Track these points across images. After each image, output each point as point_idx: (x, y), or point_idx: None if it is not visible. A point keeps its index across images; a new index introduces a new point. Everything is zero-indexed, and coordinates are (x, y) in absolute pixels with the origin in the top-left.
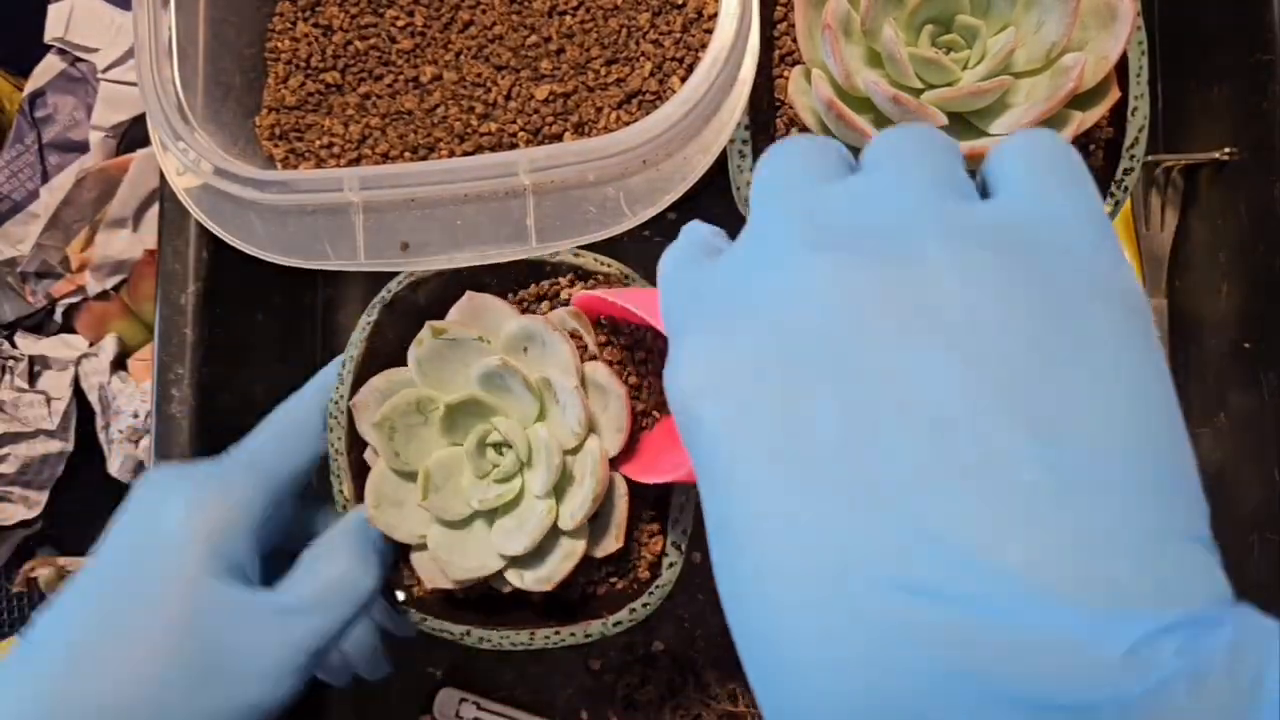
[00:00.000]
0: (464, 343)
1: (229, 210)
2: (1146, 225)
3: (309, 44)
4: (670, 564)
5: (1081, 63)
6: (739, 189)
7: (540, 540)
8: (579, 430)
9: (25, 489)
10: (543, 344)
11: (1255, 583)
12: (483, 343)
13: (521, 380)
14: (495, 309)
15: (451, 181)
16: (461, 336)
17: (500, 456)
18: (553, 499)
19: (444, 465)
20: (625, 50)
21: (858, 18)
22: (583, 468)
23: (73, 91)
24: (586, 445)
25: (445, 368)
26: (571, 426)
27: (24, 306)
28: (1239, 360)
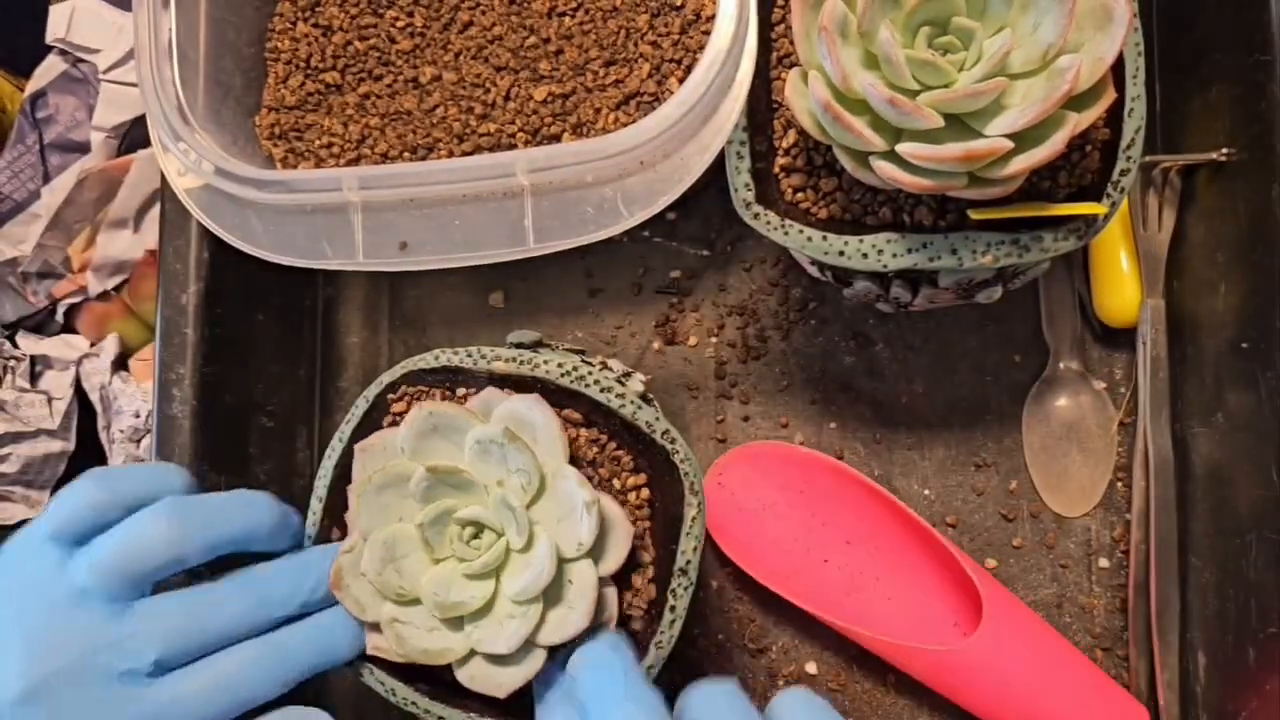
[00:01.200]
0: (461, 424)
1: (229, 210)
2: (1144, 226)
3: (309, 44)
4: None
5: (1078, 64)
6: (736, 190)
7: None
8: (585, 541)
9: (27, 489)
10: (534, 428)
11: (1253, 583)
12: (478, 421)
13: (524, 451)
14: (493, 398)
15: (450, 182)
16: (462, 420)
17: (477, 542)
18: (539, 604)
19: (406, 539)
20: (624, 52)
21: (854, 20)
22: (577, 587)
23: (74, 92)
24: (580, 565)
25: (438, 444)
26: (579, 535)
27: (25, 306)
28: (1237, 360)
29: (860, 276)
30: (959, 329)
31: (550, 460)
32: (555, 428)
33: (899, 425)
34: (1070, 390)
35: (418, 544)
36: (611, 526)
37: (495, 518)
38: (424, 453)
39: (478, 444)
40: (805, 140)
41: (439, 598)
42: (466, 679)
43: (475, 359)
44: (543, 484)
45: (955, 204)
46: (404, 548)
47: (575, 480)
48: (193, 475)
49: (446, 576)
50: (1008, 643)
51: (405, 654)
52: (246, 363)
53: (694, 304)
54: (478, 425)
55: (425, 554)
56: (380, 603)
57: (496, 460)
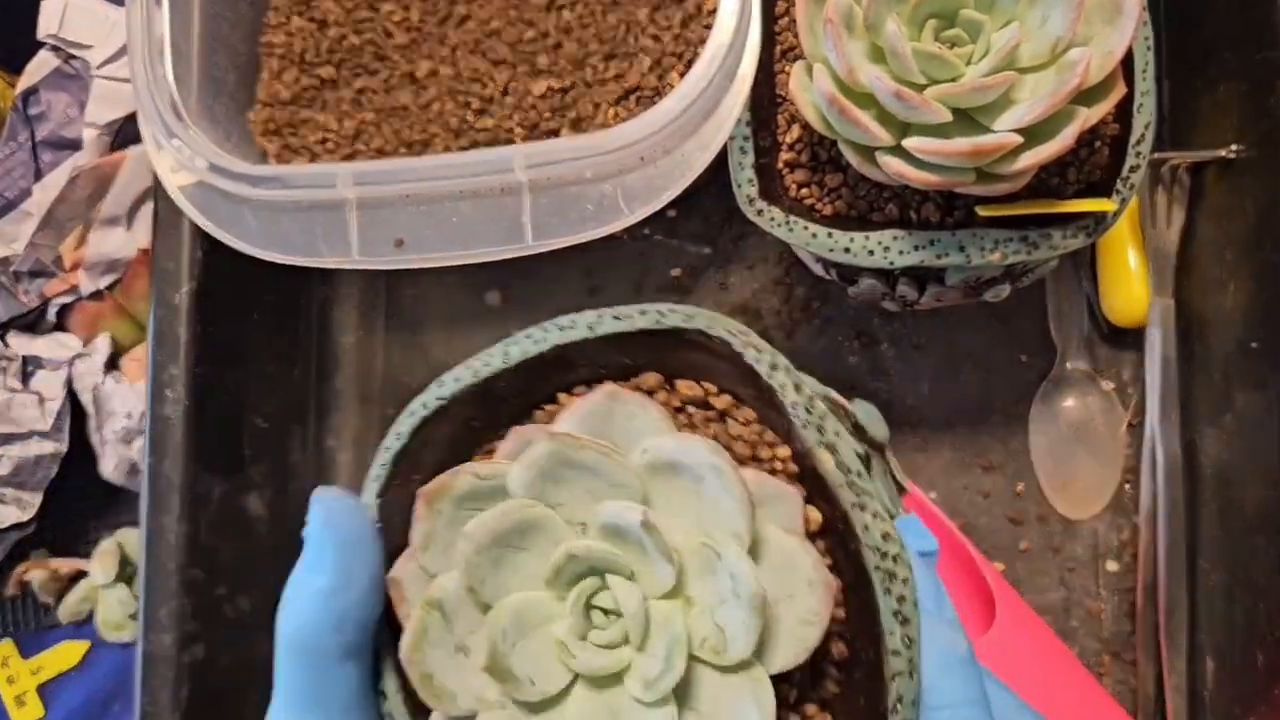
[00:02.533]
0: (595, 465)
1: (222, 207)
2: (1153, 223)
3: (304, 38)
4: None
5: (1087, 58)
6: (739, 186)
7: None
8: (748, 645)
9: (19, 490)
10: (699, 480)
11: (1262, 587)
12: (617, 464)
13: (658, 545)
14: (640, 415)
15: (447, 177)
16: (594, 459)
17: (606, 622)
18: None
19: (531, 609)
20: (624, 45)
21: (860, 12)
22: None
23: (66, 88)
24: (750, 673)
25: (563, 490)
26: (732, 631)
27: (17, 306)
28: (1246, 359)
29: (866, 274)
30: (965, 328)
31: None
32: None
33: (905, 426)
34: (1078, 391)
35: (553, 621)
36: (793, 586)
37: (612, 555)
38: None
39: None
40: (810, 135)
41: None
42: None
43: None
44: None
45: (963, 200)
46: (534, 620)
47: (683, 449)
48: (186, 476)
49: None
50: (1016, 647)
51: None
52: (240, 362)
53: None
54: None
55: (566, 640)
56: (482, 694)
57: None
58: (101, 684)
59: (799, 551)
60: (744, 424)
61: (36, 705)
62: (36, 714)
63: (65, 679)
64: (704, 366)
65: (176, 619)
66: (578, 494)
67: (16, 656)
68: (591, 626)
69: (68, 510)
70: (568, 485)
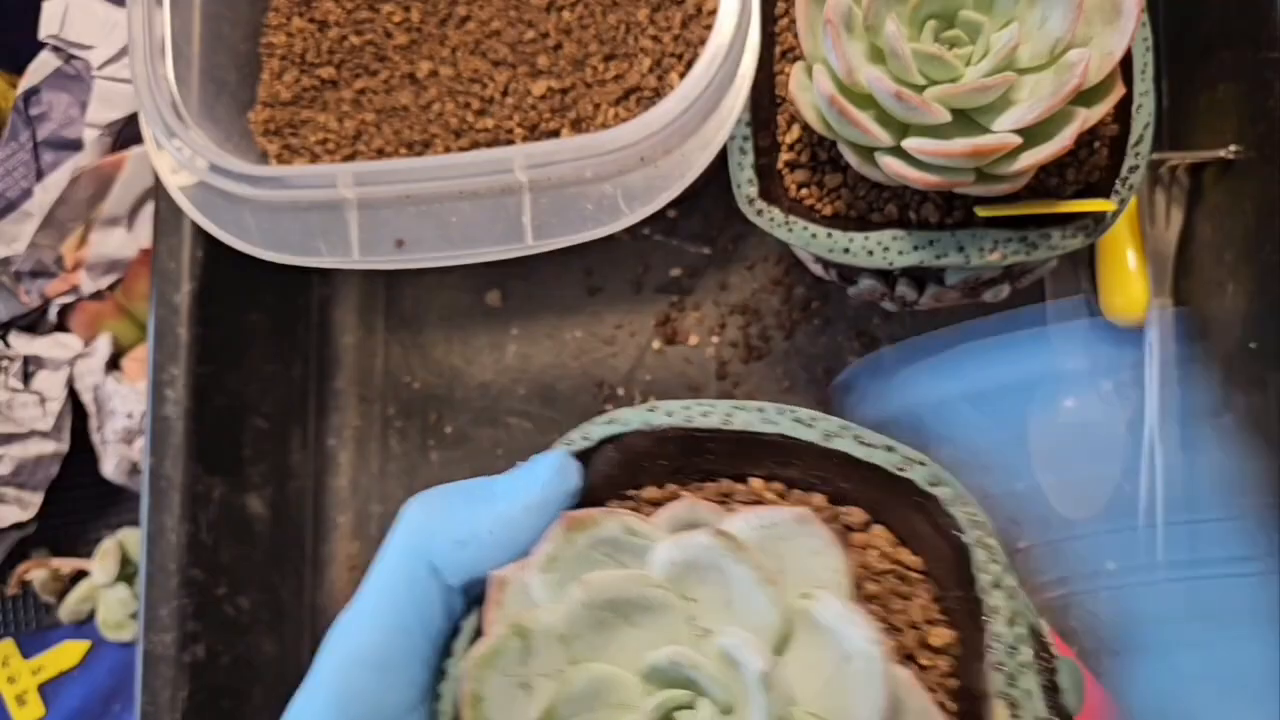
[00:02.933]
0: (745, 582)
1: (222, 207)
2: (1152, 223)
3: (304, 39)
4: None
5: (1086, 59)
6: (739, 186)
7: None
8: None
9: (20, 490)
10: (847, 660)
11: None
12: (770, 595)
13: (768, 701)
14: (821, 555)
15: (447, 178)
16: (747, 575)
17: None
18: None
19: (611, 688)
20: (624, 46)
21: (860, 13)
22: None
23: (67, 89)
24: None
25: (702, 589)
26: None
27: (18, 306)
28: (1245, 360)
29: (865, 275)
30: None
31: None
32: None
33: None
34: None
35: (626, 712)
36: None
37: (715, 685)
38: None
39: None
40: (809, 136)
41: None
42: None
43: None
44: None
45: (962, 201)
46: (609, 700)
47: (839, 608)
48: (186, 476)
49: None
50: None
51: None
52: (240, 363)
53: (695, 303)
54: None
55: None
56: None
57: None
58: (102, 683)
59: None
60: (921, 608)
61: (37, 705)
62: (37, 713)
63: (66, 678)
64: (917, 533)
65: (177, 618)
66: (714, 599)
67: (17, 656)
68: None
69: (69, 510)
70: (709, 586)
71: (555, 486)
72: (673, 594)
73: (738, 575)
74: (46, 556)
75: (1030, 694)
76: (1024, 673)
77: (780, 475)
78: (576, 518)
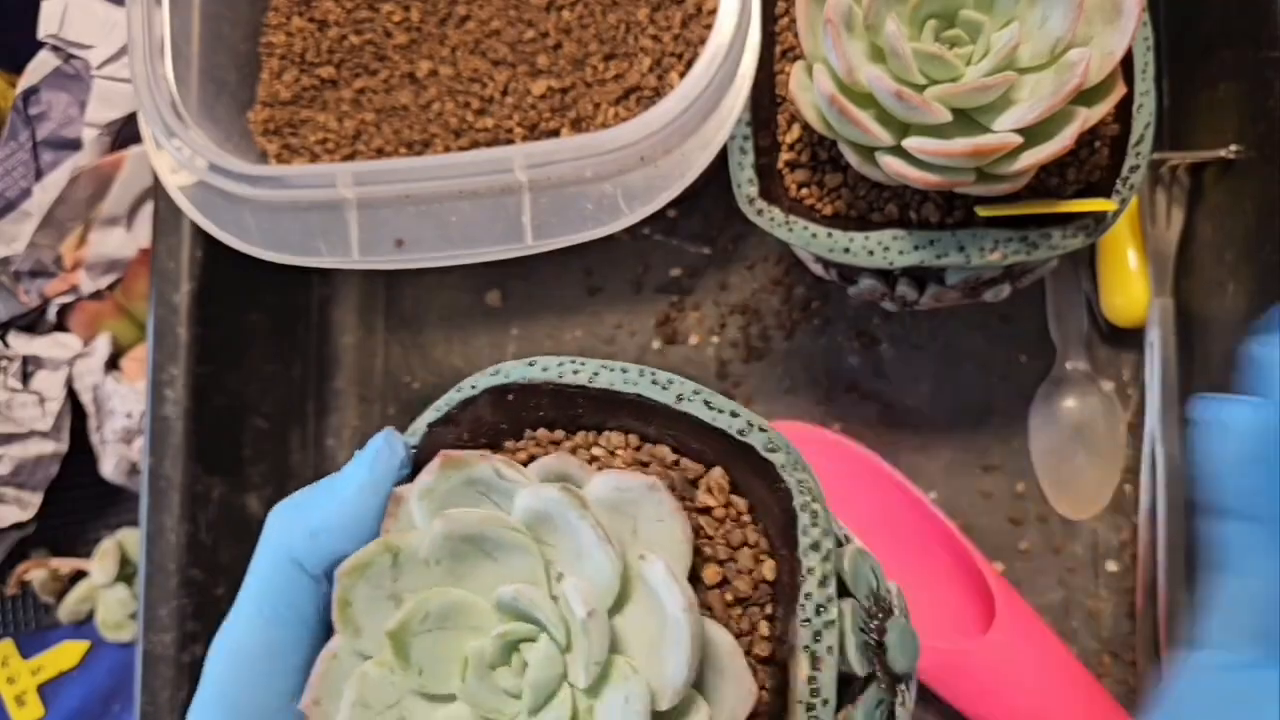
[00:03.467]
0: (589, 539)
1: (222, 207)
2: (1153, 223)
3: (304, 39)
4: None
5: (1087, 58)
6: (739, 186)
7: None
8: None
9: (19, 490)
10: (661, 619)
11: None
12: (609, 555)
13: (592, 642)
14: (667, 522)
15: (447, 177)
16: (592, 534)
17: (515, 669)
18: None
19: (464, 613)
20: (623, 45)
21: (860, 12)
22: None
23: (67, 88)
24: None
25: (557, 536)
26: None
27: (17, 306)
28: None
29: (865, 275)
30: (965, 328)
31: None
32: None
33: (904, 426)
34: (1078, 391)
35: (473, 637)
36: (717, 665)
37: (553, 623)
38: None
39: (533, 510)
40: (810, 135)
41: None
42: None
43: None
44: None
45: (962, 201)
46: (459, 623)
47: (664, 574)
48: (186, 476)
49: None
50: (1016, 648)
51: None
52: (240, 363)
53: (695, 303)
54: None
55: (415, 690)
56: (380, 650)
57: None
58: (101, 683)
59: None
60: (753, 558)
61: (36, 705)
62: (36, 714)
63: (65, 679)
64: (755, 493)
65: (176, 618)
66: (567, 549)
67: (16, 656)
68: (504, 664)
69: (68, 510)
70: (561, 536)
71: (384, 463)
72: (529, 538)
73: (583, 531)
74: (46, 556)
75: (831, 650)
76: (828, 630)
77: (636, 430)
78: (452, 457)
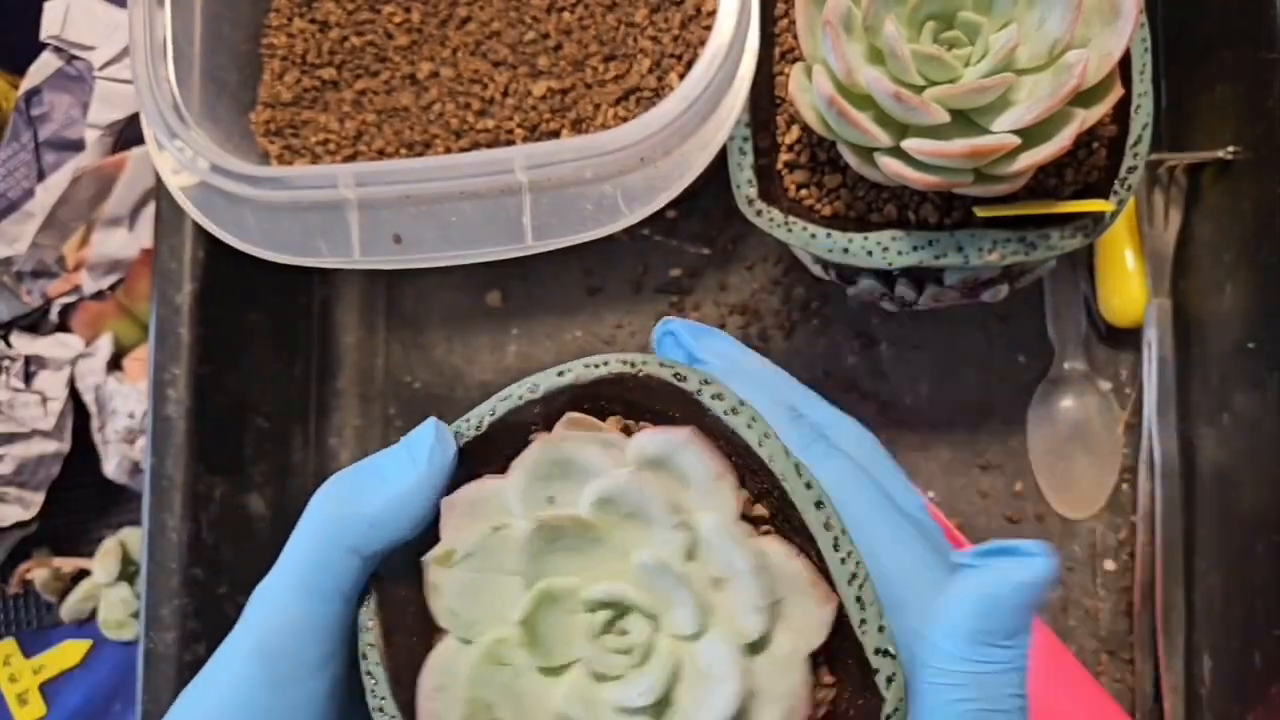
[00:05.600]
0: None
1: (223, 207)
2: (1150, 224)
3: (305, 40)
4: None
5: (1085, 60)
6: (739, 187)
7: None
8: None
9: (21, 490)
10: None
11: (1259, 586)
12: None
13: (691, 592)
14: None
15: (448, 178)
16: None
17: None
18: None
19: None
20: (623, 47)
21: (859, 14)
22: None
23: (69, 89)
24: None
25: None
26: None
27: (20, 306)
28: (1243, 360)
29: (864, 275)
30: (964, 329)
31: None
32: (717, 473)
33: (903, 426)
34: (1075, 391)
35: (522, 648)
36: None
37: (646, 594)
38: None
39: (601, 499)
40: (809, 136)
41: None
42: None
43: None
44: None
45: (961, 201)
46: (510, 658)
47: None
48: (188, 476)
49: (580, 694)
50: None
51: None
52: (242, 363)
53: (695, 303)
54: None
55: (535, 665)
56: (499, 629)
57: (633, 518)
58: (103, 683)
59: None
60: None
61: (38, 704)
62: (38, 713)
63: (67, 677)
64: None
65: (178, 618)
66: (634, 523)
67: (19, 655)
68: (610, 632)
69: (70, 509)
70: (631, 514)
71: (440, 458)
72: (604, 527)
73: (651, 507)
74: (48, 556)
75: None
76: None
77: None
78: (459, 501)
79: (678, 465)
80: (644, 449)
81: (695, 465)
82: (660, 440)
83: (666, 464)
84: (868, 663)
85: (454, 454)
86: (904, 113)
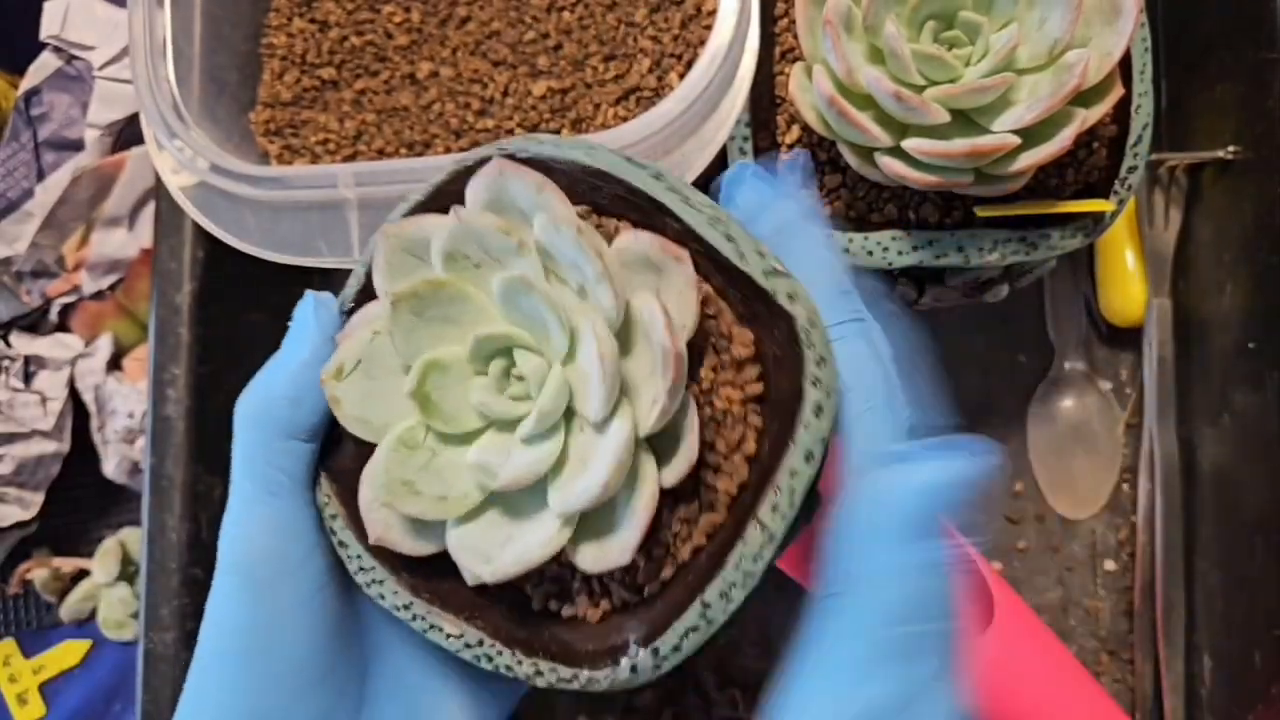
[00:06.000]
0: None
1: (223, 207)
2: (1150, 224)
3: (305, 40)
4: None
5: (1085, 60)
6: None
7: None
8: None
9: (21, 490)
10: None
11: (1259, 586)
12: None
13: (555, 318)
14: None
15: None
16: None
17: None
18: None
19: (457, 367)
20: (623, 46)
21: (859, 14)
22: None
23: (68, 89)
24: (608, 430)
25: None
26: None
27: (19, 306)
28: (1243, 360)
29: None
30: (964, 328)
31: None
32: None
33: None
34: (1076, 391)
35: (423, 425)
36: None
37: (520, 327)
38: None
39: (446, 253)
40: (809, 136)
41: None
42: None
43: None
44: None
45: (961, 201)
46: (456, 376)
47: (655, 310)
48: (187, 476)
49: (492, 445)
50: (1014, 647)
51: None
52: (241, 362)
53: None
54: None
55: (445, 439)
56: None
57: (484, 264)
58: (103, 683)
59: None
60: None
61: (38, 704)
62: (38, 713)
63: (67, 678)
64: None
65: (178, 618)
66: (573, 281)
67: (18, 655)
68: (507, 384)
69: (70, 509)
70: (568, 270)
71: (326, 316)
72: (459, 283)
73: (490, 240)
74: (48, 556)
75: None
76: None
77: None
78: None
79: (509, 198)
80: (475, 195)
81: (519, 188)
82: (482, 182)
83: (500, 203)
84: (763, 290)
85: (338, 313)
86: (904, 113)
